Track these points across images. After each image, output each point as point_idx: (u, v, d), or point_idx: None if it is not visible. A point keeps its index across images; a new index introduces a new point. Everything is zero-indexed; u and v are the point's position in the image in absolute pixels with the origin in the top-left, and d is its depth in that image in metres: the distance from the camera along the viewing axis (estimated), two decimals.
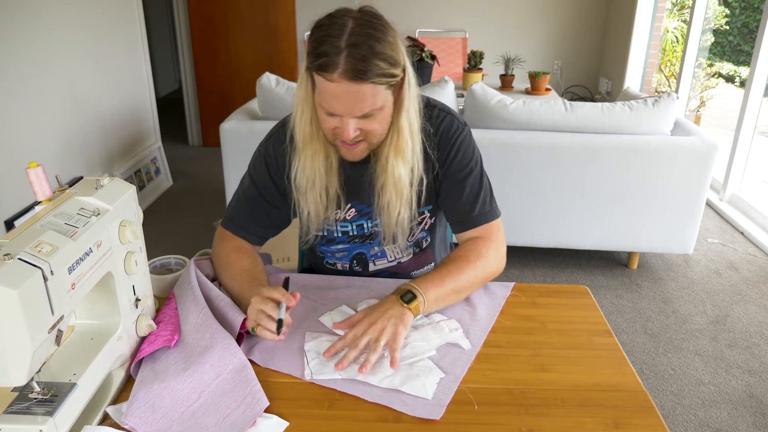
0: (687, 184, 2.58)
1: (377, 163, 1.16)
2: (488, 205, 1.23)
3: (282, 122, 1.23)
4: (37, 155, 2.69)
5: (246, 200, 1.25)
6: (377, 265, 1.33)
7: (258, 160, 1.24)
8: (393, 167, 1.13)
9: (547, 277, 2.80)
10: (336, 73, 0.98)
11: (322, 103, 1.05)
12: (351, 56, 0.97)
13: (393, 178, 1.14)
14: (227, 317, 1.03)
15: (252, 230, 1.25)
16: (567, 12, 5.29)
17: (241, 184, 1.28)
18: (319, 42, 1.00)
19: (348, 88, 1.00)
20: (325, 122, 1.08)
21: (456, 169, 1.21)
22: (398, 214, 1.18)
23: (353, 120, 1.05)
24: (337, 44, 0.98)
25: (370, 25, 1.00)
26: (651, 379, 2.10)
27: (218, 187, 3.79)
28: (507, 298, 1.20)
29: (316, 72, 1.01)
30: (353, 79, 0.99)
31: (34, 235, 0.76)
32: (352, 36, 0.98)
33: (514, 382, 0.96)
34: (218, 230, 1.27)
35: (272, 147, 1.22)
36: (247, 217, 1.24)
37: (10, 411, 0.78)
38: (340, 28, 0.99)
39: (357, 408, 0.89)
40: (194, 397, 0.88)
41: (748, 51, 7.12)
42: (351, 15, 1.01)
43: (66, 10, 2.90)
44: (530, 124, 2.59)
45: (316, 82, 1.04)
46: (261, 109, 2.74)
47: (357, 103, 1.03)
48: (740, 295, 2.67)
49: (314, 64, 1.01)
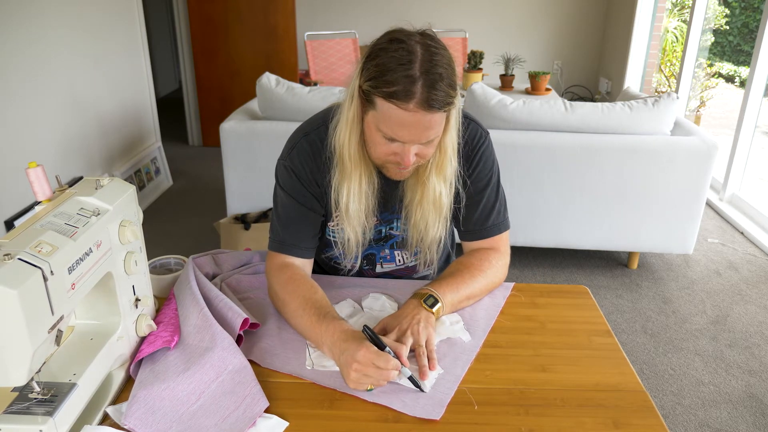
0: (687, 184, 2.58)
1: (414, 178, 1.16)
2: (501, 216, 1.25)
3: (302, 132, 1.20)
4: (37, 155, 2.69)
5: (289, 217, 1.19)
6: (384, 267, 1.33)
7: (286, 176, 1.19)
8: (434, 186, 1.13)
9: (547, 277, 2.80)
10: (412, 102, 0.96)
11: (384, 129, 1.02)
12: (426, 86, 0.96)
13: (433, 195, 1.14)
14: (227, 318, 1.03)
15: (304, 244, 1.20)
16: (567, 12, 5.29)
17: (276, 207, 1.22)
18: (387, 68, 0.97)
19: (421, 118, 0.98)
20: (380, 146, 1.06)
21: (476, 179, 1.21)
22: (435, 231, 1.19)
23: (414, 146, 1.04)
24: (410, 72, 0.95)
25: (437, 52, 0.99)
26: (651, 379, 2.10)
27: (218, 187, 3.79)
28: (507, 298, 1.20)
29: (386, 99, 0.98)
30: (428, 109, 0.97)
31: (34, 235, 0.76)
32: (424, 64, 0.96)
33: (514, 382, 0.96)
34: (268, 258, 1.20)
35: (297, 158, 1.18)
36: (296, 232, 1.20)
37: (10, 411, 0.78)
38: (409, 55, 0.96)
39: (357, 408, 0.90)
40: (194, 397, 0.88)
41: (748, 51, 7.12)
42: (416, 40, 0.99)
43: (66, 10, 2.90)
44: (530, 124, 2.59)
45: (377, 107, 1.00)
46: (261, 109, 2.74)
47: (425, 132, 1.01)
48: (740, 295, 2.67)
49: (384, 90, 0.97)
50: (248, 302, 1.16)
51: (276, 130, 2.60)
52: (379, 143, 1.05)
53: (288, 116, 2.63)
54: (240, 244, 2.63)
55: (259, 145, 2.63)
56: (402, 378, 0.94)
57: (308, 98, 2.59)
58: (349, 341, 0.94)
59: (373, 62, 1.00)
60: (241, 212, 2.76)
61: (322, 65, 4.62)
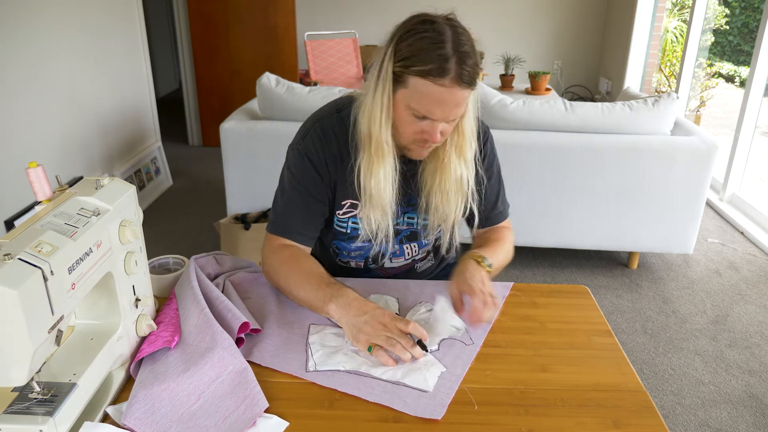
0: (687, 184, 2.58)
1: (434, 162, 1.18)
2: (505, 203, 1.34)
3: (315, 118, 1.22)
4: (37, 155, 2.69)
5: (294, 203, 1.21)
6: (393, 262, 1.34)
7: (299, 160, 1.20)
8: (455, 168, 1.17)
9: (547, 277, 2.80)
10: (448, 78, 1.00)
11: (417, 107, 1.05)
12: (459, 63, 1.00)
13: (455, 176, 1.17)
14: (226, 319, 1.02)
15: (307, 232, 1.23)
16: (567, 12, 5.29)
17: (282, 190, 1.24)
18: (420, 47, 1.01)
19: (455, 93, 1.03)
20: (409, 125, 1.09)
21: (485, 170, 1.27)
22: (456, 211, 1.23)
23: (442, 123, 1.07)
24: (444, 50, 1.00)
25: (464, 32, 1.04)
26: (651, 379, 2.10)
27: (218, 187, 3.79)
28: (507, 298, 1.20)
29: (421, 76, 1.02)
30: (461, 85, 1.02)
31: (34, 235, 0.76)
32: (455, 42, 1.01)
33: (514, 382, 0.96)
34: (267, 239, 1.23)
35: (311, 143, 1.19)
36: (300, 219, 1.22)
37: (10, 411, 0.78)
38: (440, 35, 1.01)
39: (357, 408, 0.89)
40: (194, 398, 0.88)
41: (748, 51, 7.12)
42: (444, 21, 1.04)
43: (66, 10, 2.90)
44: (530, 124, 2.59)
45: (410, 85, 1.04)
46: (261, 109, 2.74)
47: (456, 108, 1.06)
48: (740, 295, 2.67)
49: (417, 68, 1.01)
50: (249, 302, 1.16)
51: (276, 130, 2.60)
52: (408, 122, 1.09)
53: (288, 116, 2.63)
54: (240, 244, 2.63)
55: (259, 145, 2.63)
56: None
57: (308, 98, 2.59)
58: (370, 303, 1.04)
59: (405, 43, 1.03)
60: (241, 212, 2.76)
61: (322, 65, 4.62)
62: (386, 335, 0.98)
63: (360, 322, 1.01)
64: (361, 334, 1.00)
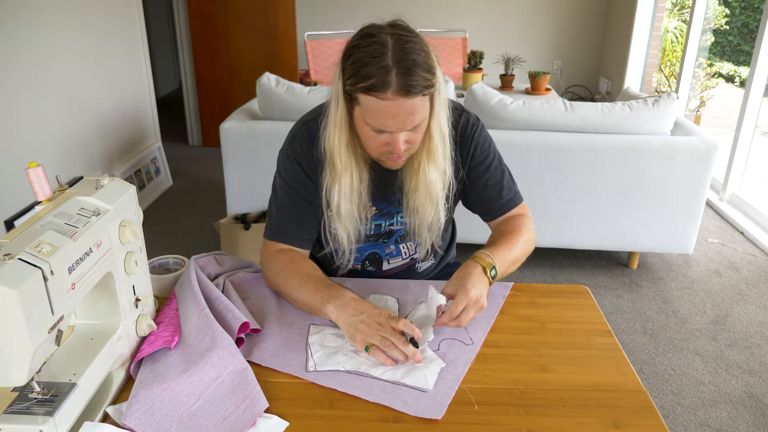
0: (687, 184, 2.58)
1: (410, 167, 1.18)
2: (512, 192, 1.29)
3: (302, 121, 1.23)
4: (37, 155, 2.69)
5: (288, 208, 1.23)
6: (391, 263, 1.35)
7: (288, 164, 1.22)
8: (425, 172, 1.16)
9: (547, 277, 2.80)
10: (389, 91, 1.00)
11: (371, 122, 1.05)
12: (401, 73, 0.99)
13: (425, 181, 1.17)
14: (226, 319, 1.02)
15: (303, 235, 1.24)
16: (567, 12, 5.29)
17: (275, 196, 1.25)
18: (362, 63, 1.01)
19: (402, 104, 1.02)
20: (372, 140, 1.09)
21: (477, 162, 1.25)
22: (430, 216, 1.22)
23: (403, 134, 1.07)
24: (384, 63, 0.99)
25: (408, 39, 1.02)
26: (651, 379, 2.10)
27: (218, 187, 3.79)
28: (507, 298, 1.20)
29: (365, 93, 1.01)
30: (406, 95, 1.00)
31: (34, 235, 0.76)
32: (396, 53, 1.00)
33: (514, 382, 0.96)
34: (265, 245, 1.24)
35: (299, 147, 1.21)
36: (296, 224, 1.23)
37: (10, 411, 0.78)
38: (381, 47, 1.00)
39: (357, 408, 0.90)
40: (194, 398, 0.88)
41: (748, 51, 7.12)
42: (386, 31, 1.02)
43: (66, 10, 2.90)
44: (530, 124, 2.59)
45: (361, 102, 1.04)
46: (261, 109, 2.74)
47: (409, 117, 1.05)
48: (740, 295, 2.67)
49: (361, 86, 1.01)
50: (249, 302, 1.16)
51: (276, 130, 2.60)
52: (369, 137, 1.09)
53: (288, 116, 2.63)
54: (240, 244, 2.63)
55: (259, 145, 2.63)
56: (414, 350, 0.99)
57: (308, 98, 2.59)
58: (367, 303, 1.04)
59: (349, 61, 1.03)
60: (241, 212, 2.76)
61: (322, 65, 4.62)
62: (381, 335, 0.99)
63: (356, 321, 1.01)
64: (357, 334, 1.00)
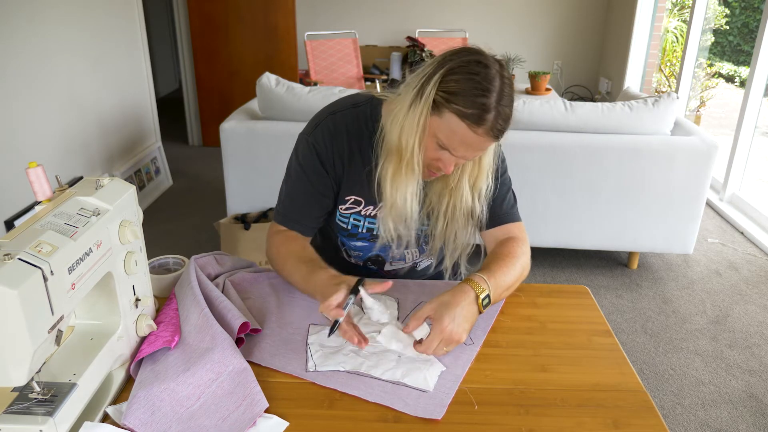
0: (687, 184, 2.58)
1: (443, 185, 1.19)
2: (513, 207, 1.30)
3: (329, 110, 1.22)
4: (37, 155, 2.69)
5: (297, 193, 1.24)
6: (394, 265, 1.35)
7: (306, 151, 1.21)
8: (466, 197, 1.18)
9: (547, 277, 2.80)
10: (482, 128, 1.02)
11: (443, 139, 1.05)
12: (497, 117, 1.02)
13: (464, 206, 1.19)
14: (226, 319, 1.02)
15: (306, 222, 1.25)
16: (567, 12, 5.29)
17: (288, 177, 1.25)
18: (466, 88, 1.01)
19: (482, 142, 1.05)
20: (431, 152, 1.10)
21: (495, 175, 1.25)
22: (466, 238, 1.25)
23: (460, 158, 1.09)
24: (487, 102, 1.00)
25: (510, 84, 1.05)
26: (651, 379, 2.10)
27: (218, 187, 3.79)
28: (507, 298, 1.20)
29: (458, 116, 1.01)
30: (492, 138, 1.04)
31: (34, 235, 0.76)
32: (500, 96, 1.02)
33: (514, 382, 0.96)
34: (270, 226, 1.27)
35: (321, 136, 1.20)
36: (300, 210, 1.24)
37: (10, 411, 0.78)
38: (489, 83, 1.01)
39: (357, 408, 0.90)
40: (194, 398, 0.88)
41: (748, 51, 7.12)
42: (495, 68, 1.03)
43: (66, 10, 2.90)
44: (530, 124, 2.59)
45: (445, 118, 1.03)
46: (261, 109, 2.74)
47: (478, 152, 1.09)
48: (740, 295, 2.67)
49: (459, 108, 1.01)
50: (249, 302, 1.16)
51: (276, 130, 2.60)
52: (429, 148, 1.09)
53: (288, 116, 2.63)
54: (240, 244, 2.63)
55: (259, 145, 2.63)
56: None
57: (308, 98, 2.59)
58: (331, 287, 1.04)
59: (454, 77, 1.02)
60: (241, 212, 2.76)
61: (322, 65, 4.62)
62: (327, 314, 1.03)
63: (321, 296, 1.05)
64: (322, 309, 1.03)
